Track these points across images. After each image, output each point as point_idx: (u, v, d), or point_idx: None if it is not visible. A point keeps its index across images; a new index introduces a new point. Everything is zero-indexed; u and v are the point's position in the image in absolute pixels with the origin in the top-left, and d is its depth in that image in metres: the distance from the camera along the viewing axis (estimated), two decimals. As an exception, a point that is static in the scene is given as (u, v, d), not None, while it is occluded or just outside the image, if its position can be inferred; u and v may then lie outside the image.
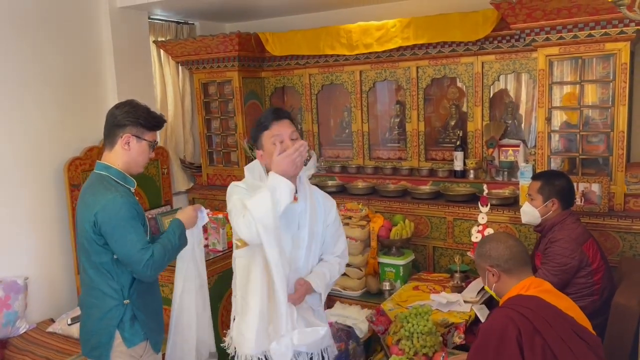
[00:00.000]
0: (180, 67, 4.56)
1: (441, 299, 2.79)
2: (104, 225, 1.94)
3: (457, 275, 3.00)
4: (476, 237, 2.98)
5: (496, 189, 3.46)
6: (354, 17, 3.95)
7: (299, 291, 1.98)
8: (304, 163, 1.92)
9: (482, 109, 3.60)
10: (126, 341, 2.02)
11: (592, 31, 2.90)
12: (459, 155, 3.64)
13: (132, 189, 2.11)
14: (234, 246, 2.10)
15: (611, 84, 2.99)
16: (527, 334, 1.78)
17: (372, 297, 3.19)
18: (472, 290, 2.88)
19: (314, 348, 2.05)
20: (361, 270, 3.24)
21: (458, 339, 2.50)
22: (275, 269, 1.85)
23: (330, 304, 3.14)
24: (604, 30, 2.87)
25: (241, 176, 4.88)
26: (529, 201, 2.78)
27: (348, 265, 3.23)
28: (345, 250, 2.21)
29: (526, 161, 3.43)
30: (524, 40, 3.15)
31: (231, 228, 3.25)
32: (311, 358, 2.07)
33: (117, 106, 2.11)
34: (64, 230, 3.55)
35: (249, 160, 4.32)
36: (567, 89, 3.19)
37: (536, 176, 2.83)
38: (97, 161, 2.11)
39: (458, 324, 2.56)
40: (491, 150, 3.55)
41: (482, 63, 3.55)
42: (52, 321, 3.36)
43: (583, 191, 3.06)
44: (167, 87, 4.48)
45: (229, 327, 2.15)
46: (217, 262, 3.10)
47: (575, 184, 2.80)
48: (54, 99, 3.53)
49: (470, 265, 3.33)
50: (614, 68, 2.96)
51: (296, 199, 1.98)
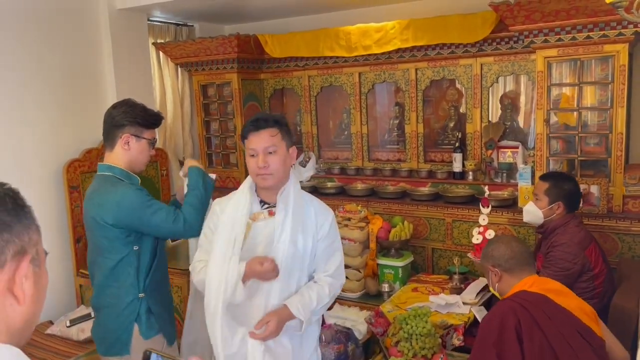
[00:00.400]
0: (179, 69, 4.56)
1: (440, 300, 2.79)
2: (127, 218, 1.99)
3: (456, 276, 3.01)
4: (477, 238, 2.98)
5: (495, 190, 3.46)
6: (353, 19, 3.96)
7: (269, 326, 1.76)
8: (302, 165, 1.93)
9: (481, 111, 3.60)
10: (143, 334, 2.07)
11: (591, 33, 2.90)
12: (457, 156, 3.65)
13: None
14: None
15: (610, 85, 3.00)
16: (527, 324, 1.82)
17: (371, 298, 3.19)
18: (471, 291, 2.88)
19: None
20: (360, 271, 3.24)
21: (457, 340, 2.50)
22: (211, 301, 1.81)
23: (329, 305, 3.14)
24: (602, 32, 2.87)
25: (240, 178, 4.90)
26: (533, 201, 2.75)
27: (347, 267, 3.23)
28: (340, 269, 1.98)
29: (525, 163, 3.43)
30: (523, 42, 3.16)
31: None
32: None
33: (114, 106, 2.12)
34: (62, 232, 3.55)
35: (248, 161, 4.32)
36: (565, 90, 3.19)
37: (545, 177, 2.80)
38: (99, 163, 2.13)
39: (457, 326, 2.56)
40: (490, 151, 3.55)
41: (481, 65, 3.55)
42: (51, 323, 3.36)
43: (582, 192, 3.06)
44: (166, 89, 4.48)
45: None
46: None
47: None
48: (53, 100, 3.53)
49: (469, 266, 3.33)
50: (612, 70, 2.97)
51: (272, 213, 1.88)
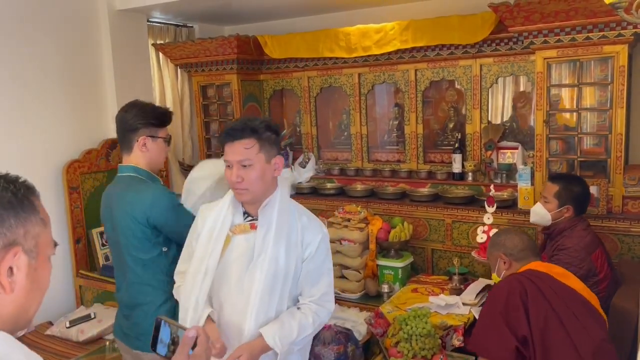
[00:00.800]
0: (179, 70, 4.56)
1: (440, 301, 2.79)
2: (159, 218, 2.02)
3: (455, 277, 3.00)
4: (482, 237, 2.98)
5: (495, 191, 3.45)
6: (352, 20, 3.96)
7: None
8: (302, 165, 1.90)
9: (481, 112, 3.60)
10: None
11: (590, 34, 2.90)
12: (457, 157, 3.65)
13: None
14: None
15: (609, 86, 3.00)
16: (532, 293, 1.95)
17: (370, 299, 3.19)
18: (470, 292, 2.88)
19: None
20: (360, 272, 3.24)
21: (457, 341, 2.50)
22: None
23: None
24: (601, 33, 2.88)
25: (240, 179, 4.83)
26: (542, 203, 2.74)
27: (346, 268, 3.23)
28: (328, 296, 1.79)
29: (524, 163, 3.43)
30: (522, 43, 3.16)
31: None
32: None
33: (125, 110, 2.13)
34: (62, 233, 3.54)
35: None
36: (565, 91, 3.20)
37: (554, 179, 2.77)
38: (120, 165, 2.15)
39: (457, 327, 2.56)
40: (489, 152, 3.55)
41: (481, 66, 3.55)
42: (51, 324, 3.35)
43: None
44: (165, 90, 4.48)
45: None
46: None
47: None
48: (52, 101, 3.53)
49: (469, 267, 3.33)
50: (611, 71, 2.97)
51: (255, 226, 1.74)
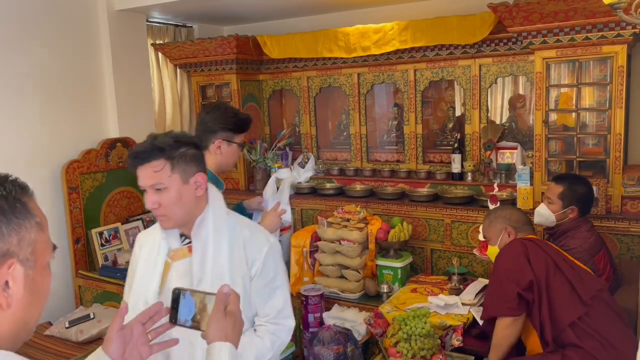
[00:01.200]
0: (178, 70, 4.56)
1: (439, 301, 2.79)
2: None
3: (455, 277, 3.01)
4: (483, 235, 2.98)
5: (493, 191, 3.46)
6: (352, 20, 3.96)
7: None
8: (301, 165, 1.84)
9: (480, 112, 3.61)
10: None
11: (589, 34, 2.91)
12: (456, 157, 3.65)
13: (221, 191, 2.17)
14: None
15: (608, 86, 3.00)
16: (533, 249, 2.19)
17: (370, 299, 3.19)
18: (470, 292, 2.88)
19: None
20: (359, 272, 3.24)
21: (456, 341, 2.50)
22: None
23: (328, 306, 3.14)
24: (600, 33, 2.88)
25: (240, 180, 4.87)
26: (546, 204, 2.73)
27: (346, 268, 3.24)
28: (285, 312, 1.63)
29: (523, 164, 3.44)
30: (521, 43, 3.17)
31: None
32: None
33: (207, 111, 2.21)
34: (61, 233, 3.54)
35: (247, 163, 4.32)
36: (564, 91, 3.20)
37: (558, 180, 2.76)
38: None
39: (456, 327, 2.56)
40: (489, 152, 3.56)
41: (480, 66, 3.55)
42: (50, 324, 3.35)
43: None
44: (165, 90, 4.48)
45: None
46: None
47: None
48: (51, 101, 3.53)
49: (468, 267, 3.33)
50: (610, 71, 2.97)
51: (190, 249, 1.55)
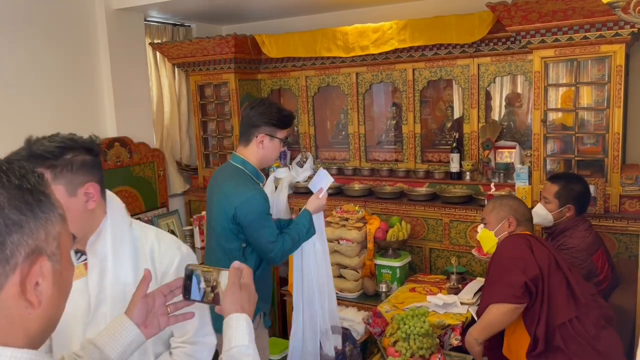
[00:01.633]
0: (176, 69, 4.55)
1: (438, 300, 2.79)
2: (242, 218, 2.15)
3: (453, 277, 3.01)
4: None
5: (490, 190, 3.46)
6: (350, 19, 3.96)
7: None
8: (300, 165, 1.85)
9: (478, 111, 3.61)
10: None
11: (587, 33, 2.91)
12: (455, 157, 3.65)
13: (262, 185, 2.31)
14: None
15: (606, 86, 3.00)
16: (535, 244, 2.20)
17: (368, 299, 3.19)
18: (468, 291, 2.88)
19: None
20: (358, 272, 3.24)
21: (455, 340, 2.50)
22: None
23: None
24: (599, 33, 2.88)
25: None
26: (542, 203, 2.74)
27: (344, 267, 3.23)
28: (204, 330, 1.48)
29: (522, 163, 3.44)
30: (520, 42, 3.17)
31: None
32: None
33: (251, 106, 2.28)
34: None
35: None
36: (562, 91, 3.20)
37: (553, 179, 2.77)
38: (234, 153, 2.31)
39: (455, 326, 2.56)
40: (487, 152, 3.56)
41: (478, 65, 3.55)
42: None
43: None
44: (163, 89, 4.47)
45: None
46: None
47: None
48: (49, 100, 3.52)
49: (466, 266, 3.33)
50: (609, 70, 2.98)
51: (86, 266, 1.37)
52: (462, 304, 2.77)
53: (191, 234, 3.56)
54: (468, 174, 3.61)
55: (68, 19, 3.62)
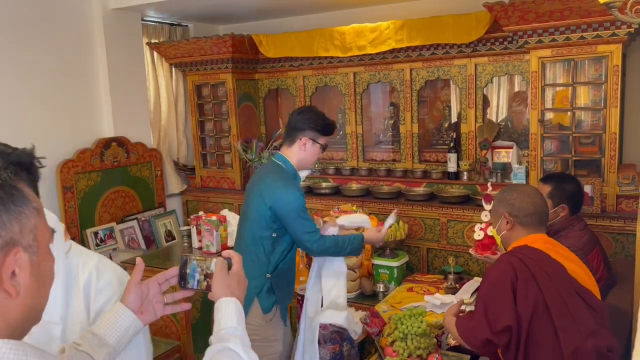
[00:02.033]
0: (173, 69, 4.55)
1: (435, 300, 2.79)
2: (280, 209, 2.29)
3: (451, 276, 3.01)
4: (479, 234, 2.96)
5: (491, 188, 3.46)
6: (347, 19, 3.96)
7: None
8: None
9: (476, 111, 3.61)
10: (262, 308, 2.34)
11: (584, 33, 2.91)
12: (452, 157, 3.65)
13: (300, 181, 2.51)
14: None
15: (603, 86, 3.01)
16: (524, 279, 1.82)
17: (366, 298, 3.19)
18: (466, 291, 2.88)
19: None
20: (355, 272, 3.24)
21: (452, 340, 2.50)
22: None
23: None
24: (596, 33, 2.89)
25: (235, 179, 4.89)
26: None
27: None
28: None
29: (519, 163, 3.44)
30: (517, 42, 3.17)
31: (225, 230, 3.27)
32: None
33: (299, 112, 2.47)
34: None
35: (243, 162, 4.32)
36: (559, 90, 3.21)
37: (545, 179, 2.75)
38: (278, 153, 2.48)
39: (452, 326, 2.56)
40: (484, 152, 3.56)
41: (475, 65, 3.56)
42: (45, 324, 3.33)
43: (584, 192, 3.05)
44: (160, 89, 4.47)
45: None
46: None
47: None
48: (45, 100, 3.51)
49: (464, 266, 3.34)
50: (606, 70, 2.98)
51: None
52: (459, 303, 2.77)
53: (188, 234, 3.56)
54: (465, 173, 3.61)
55: (65, 18, 3.61)
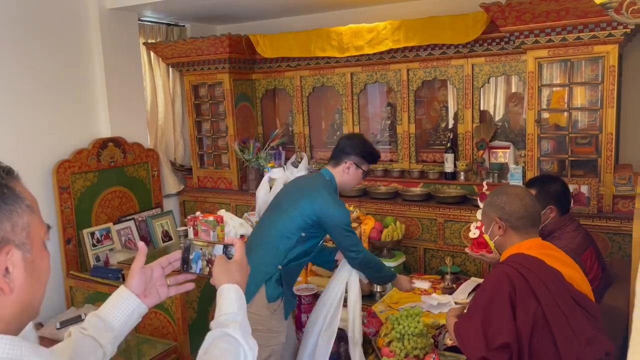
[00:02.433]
0: (170, 69, 4.54)
1: (432, 300, 2.80)
2: (330, 222, 2.39)
3: (447, 277, 3.01)
4: (474, 233, 2.96)
5: (487, 187, 3.47)
6: (344, 19, 3.96)
7: None
8: (294, 165, 1.84)
9: (472, 111, 3.61)
10: (268, 296, 2.36)
11: (581, 34, 2.92)
12: (449, 157, 3.66)
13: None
14: None
15: (600, 86, 3.02)
16: (522, 293, 1.77)
17: (363, 299, 3.16)
18: (462, 291, 2.89)
19: None
20: (352, 272, 3.24)
21: (449, 340, 2.50)
22: None
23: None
24: (592, 33, 2.89)
25: (232, 179, 4.88)
26: None
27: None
28: None
29: (516, 163, 3.45)
30: (514, 42, 3.17)
31: (222, 230, 3.26)
32: None
33: (348, 137, 2.65)
34: (52, 233, 3.50)
35: (240, 163, 4.31)
36: (556, 91, 3.21)
37: (529, 183, 2.74)
38: (325, 168, 2.59)
39: (449, 326, 2.56)
40: (481, 152, 3.56)
41: (472, 65, 3.56)
42: (41, 325, 3.32)
43: (572, 192, 3.07)
44: (157, 89, 4.46)
45: None
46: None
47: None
48: (42, 100, 3.50)
49: (461, 266, 3.34)
50: (602, 71, 2.99)
51: None
52: (456, 303, 2.78)
53: (185, 234, 3.56)
54: (462, 174, 3.62)
55: (61, 18, 3.60)
